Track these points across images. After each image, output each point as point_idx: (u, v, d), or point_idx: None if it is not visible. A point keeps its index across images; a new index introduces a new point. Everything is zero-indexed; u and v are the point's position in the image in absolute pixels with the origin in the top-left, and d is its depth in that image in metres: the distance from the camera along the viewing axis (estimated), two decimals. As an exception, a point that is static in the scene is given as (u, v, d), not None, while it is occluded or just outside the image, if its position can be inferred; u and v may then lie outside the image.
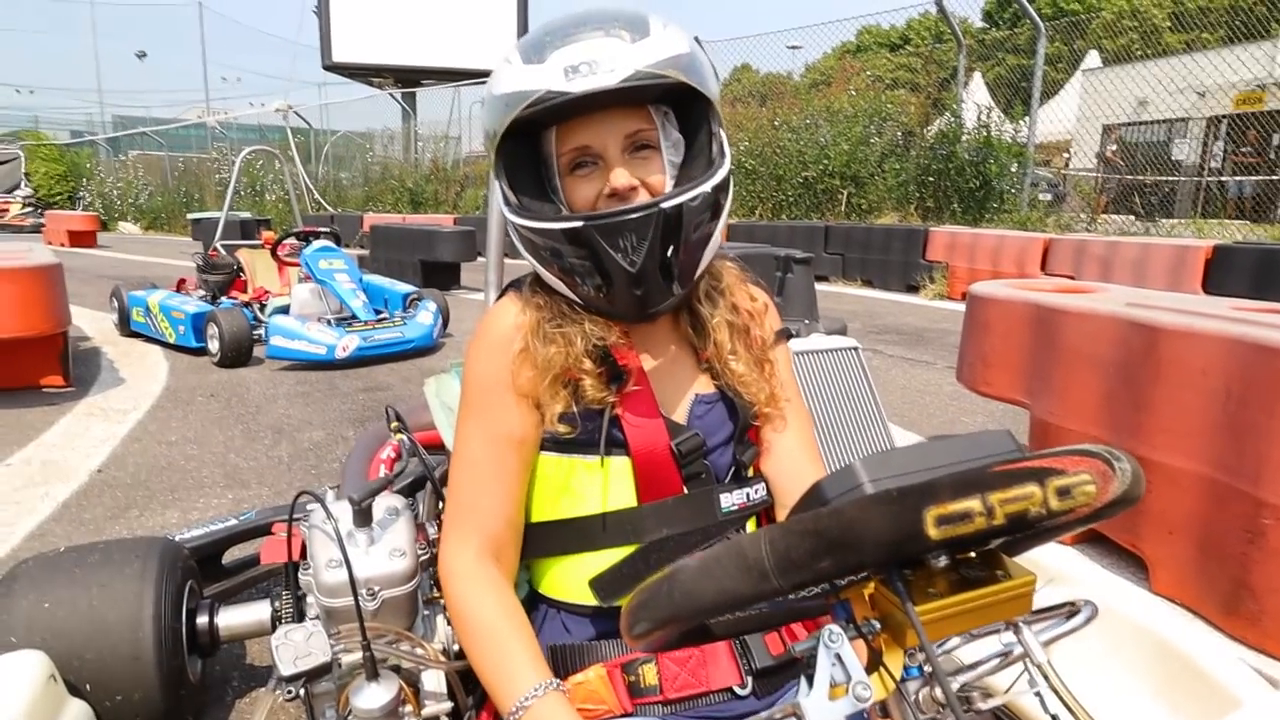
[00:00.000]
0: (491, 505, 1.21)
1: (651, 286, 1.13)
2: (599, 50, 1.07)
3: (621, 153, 1.14)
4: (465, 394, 1.26)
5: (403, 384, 5.92)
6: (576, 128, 1.14)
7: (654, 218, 1.09)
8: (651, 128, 1.16)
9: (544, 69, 1.07)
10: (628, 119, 1.14)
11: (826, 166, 13.98)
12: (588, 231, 1.09)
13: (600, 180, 1.14)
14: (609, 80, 1.05)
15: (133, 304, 7.26)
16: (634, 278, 1.11)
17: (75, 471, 4.00)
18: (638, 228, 1.09)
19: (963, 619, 0.75)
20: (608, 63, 1.06)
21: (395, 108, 24.09)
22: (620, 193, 1.12)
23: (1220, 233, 11.17)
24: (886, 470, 0.75)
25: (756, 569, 0.68)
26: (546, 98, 1.06)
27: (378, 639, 1.36)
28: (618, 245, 1.09)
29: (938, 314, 9.16)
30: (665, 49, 1.09)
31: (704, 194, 1.12)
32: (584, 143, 1.14)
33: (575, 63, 1.06)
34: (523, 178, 1.18)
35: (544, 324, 1.21)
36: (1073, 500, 0.69)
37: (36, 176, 28.82)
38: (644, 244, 1.09)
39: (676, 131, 1.19)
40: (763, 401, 1.27)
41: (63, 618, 1.64)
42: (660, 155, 1.17)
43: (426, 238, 11.05)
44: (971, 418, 5.05)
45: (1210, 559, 2.64)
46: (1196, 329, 2.68)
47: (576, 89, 1.05)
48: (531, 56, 1.10)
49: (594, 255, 1.11)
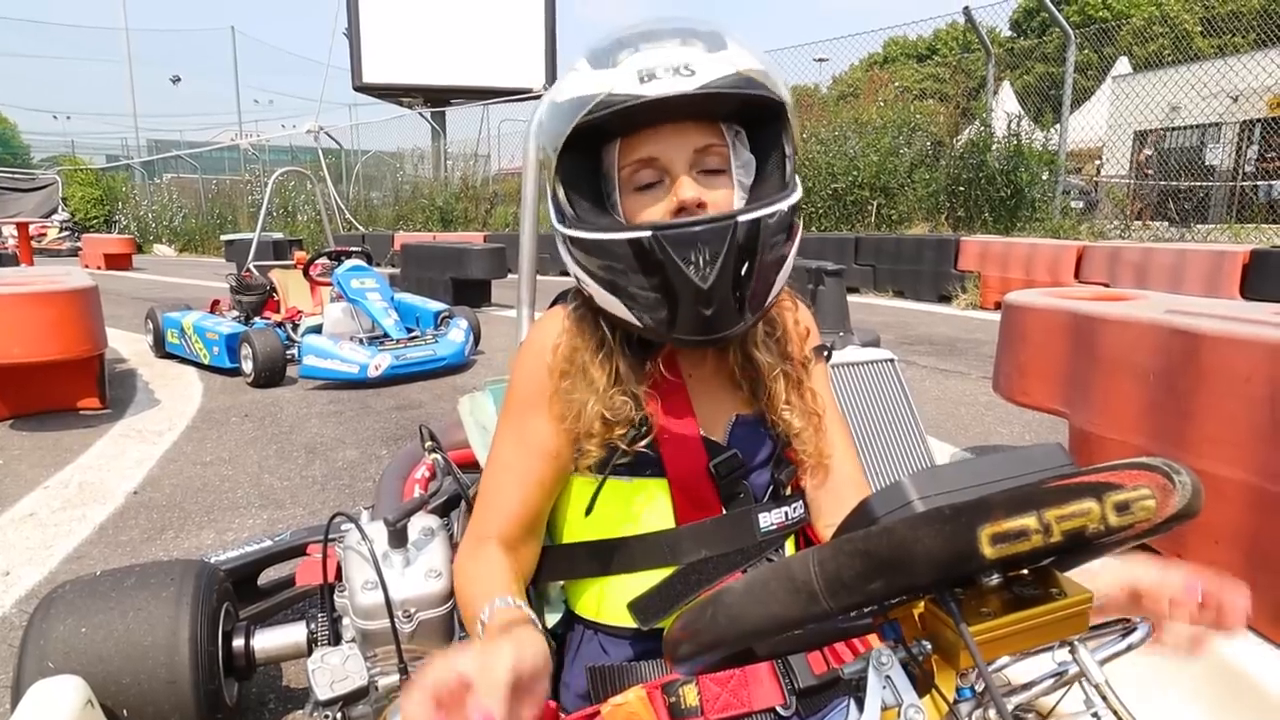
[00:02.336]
0: (508, 506, 1.21)
1: (722, 307, 1.05)
2: (676, 56, 1.01)
3: (689, 168, 1.08)
4: (507, 398, 1.26)
5: (435, 401, 5.95)
6: (644, 138, 1.08)
7: (729, 230, 1.01)
8: (723, 144, 1.10)
9: (616, 73, 1.02)
10: (699, 133, 1.08)
11: (856, 178, 13.91)
12: (656, 242, 1.01)
13: (665, 197, 1.08)
14: (687, 85, 0.99)
15: (167, 325, 7.36)
16: (705, 295, 1.02)
17: (112, 493, 4.04)
18: (711, 240, 1.01)
19: (1017, 639, 0.72)
20: (685, 68, 1.00)
21: (425, 127, 24.33)
22: (688, 206, 1.06)
23: (1257, 237, 10.99)
24: (937, 487, 0.73)
25: (805, 591, 0.66)
26: (615, 100, 1.00)
27: (414, 661, 1.35)
28: (689, 258, 1.01)
29: (970, 324, 9.06)
30: (743, 62, 1.04)
31: (780, 212, 1.05)
32: (650, 154, 1.08)
33: (650, 67, 1.00)
34: (579, 192, 1.10)
35: (579, 354, 1.17)
36: (1132, 516, 0.67)
37: (73, 201, 29.36)
38: (718, 259, 1.01)
39: (748, 152, 1.13)
40: (810, 454, 1.23)
41: (99, 642, 1.65)
42: (730, 176, 1.11)
43: (457, 255, 11.11)
44: (1008, 428, 4.98)
45: (1258, 569, 2.58)
46: (1239, 335, 2.63)
47: (652, 93, 0.99)
48: (603, 61, 1.04)
49: (660, 270, 1.03)
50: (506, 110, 22.27)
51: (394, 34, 23.30)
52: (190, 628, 1.69)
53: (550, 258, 14.83)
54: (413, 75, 23.74)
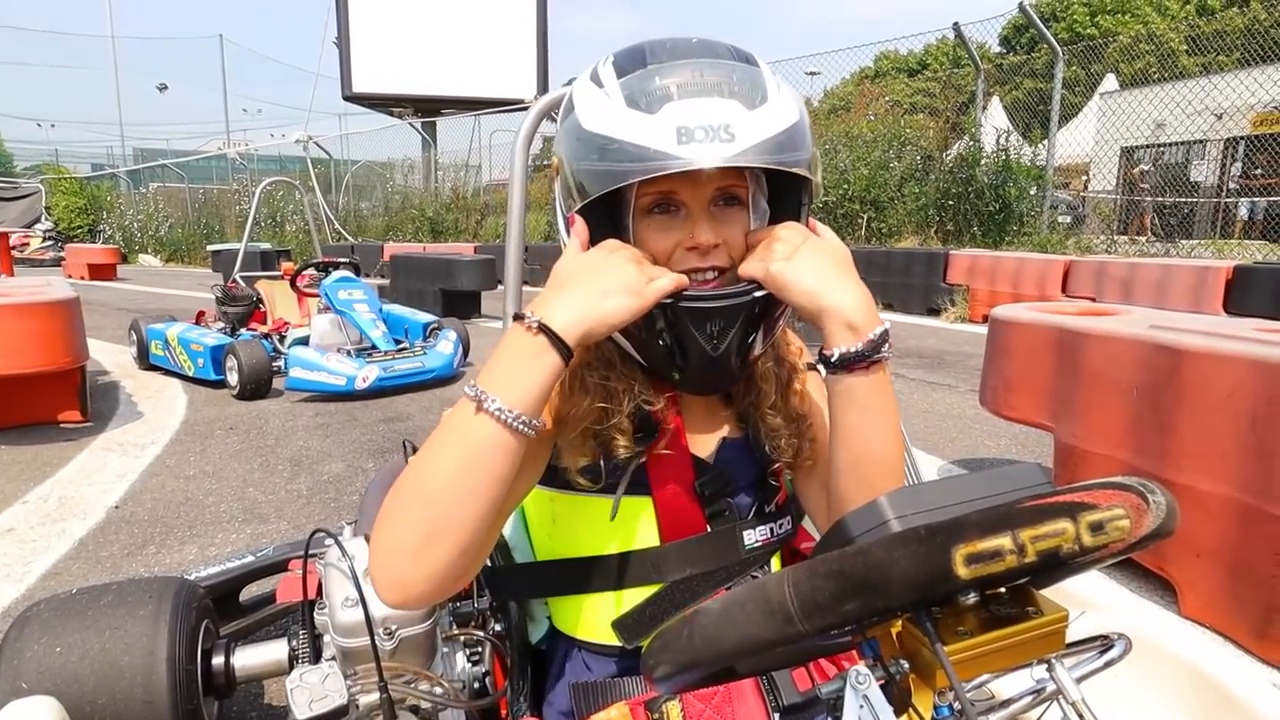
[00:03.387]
0: None
1: (725, 369, 1.08)
2: (718, 115, 0.97)
3: (708, 204, 1.07)
4: None
5: (423, 414, 5.93)
6: (666, 177, 1.02)
7: (744, 307, 1.03)
8: (744, 185, 1.08)
9: (653, 123, 0.97)
10: (723, 176, 1.06)
11: (846, 191, 13.98)
12: (674, 309, 1.02)
13: (681, 230, 1.06)
14: (725, 152, 0.95)
15: (151, 337, 7.30)
16: (713, 360, 1.05)
17: (92, 508, 4.00)
18: (727, 315, 1.03)
19: (994, 658, 0.72)
20: (725, 132, 0.96)
21: (415, 137, 24.31)
22: (703, 249, 1.05)
23: (1240, 253, 11.09)
24: (913, 506, 0.72)
25: (780, 612, 0.66)
26: (652, 159, 0.96)
27: (395, 679, 1.34)
28: (704, 328, 1.03)
29: (959, 337, 9.10)
30: (782, 119, 1.00)
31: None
32: (672, 190, 1.06)
33: (691, 125, 0.96)
34: (591, 212, 1.07)
35: (585, 369, 1.15)
36: (1106, 536, 0.67)
37: (57, 210, 29.08)
38: (730, 331, 1.04)
39: (765, 201, 1.11)
40: (788, 455, 1.22)
41: (74, 662, 1.63)
42: (747, 213, 1.09)
43: (447, 266, 11.09)
44: (995, 441, 5.00)
45: (1240, 582, 2.60)
46: (1222, 351, 2.65)
47: (692, 160, 0.95)
48: (639, 101, 0.99)
49: (672, 331, 1.05)
50: (498, 121, 22.24)
51: (384, 43, 23.29)
52: (168, 646, 1.67)
53: (542, 268, 14.86)
54: (403, 85, 23.73)
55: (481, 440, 0.92)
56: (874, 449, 1.05)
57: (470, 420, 0.93)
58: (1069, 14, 36.01)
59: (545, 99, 1.80)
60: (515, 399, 0.92)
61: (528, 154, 1.91)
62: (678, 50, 1.05)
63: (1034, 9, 12.50)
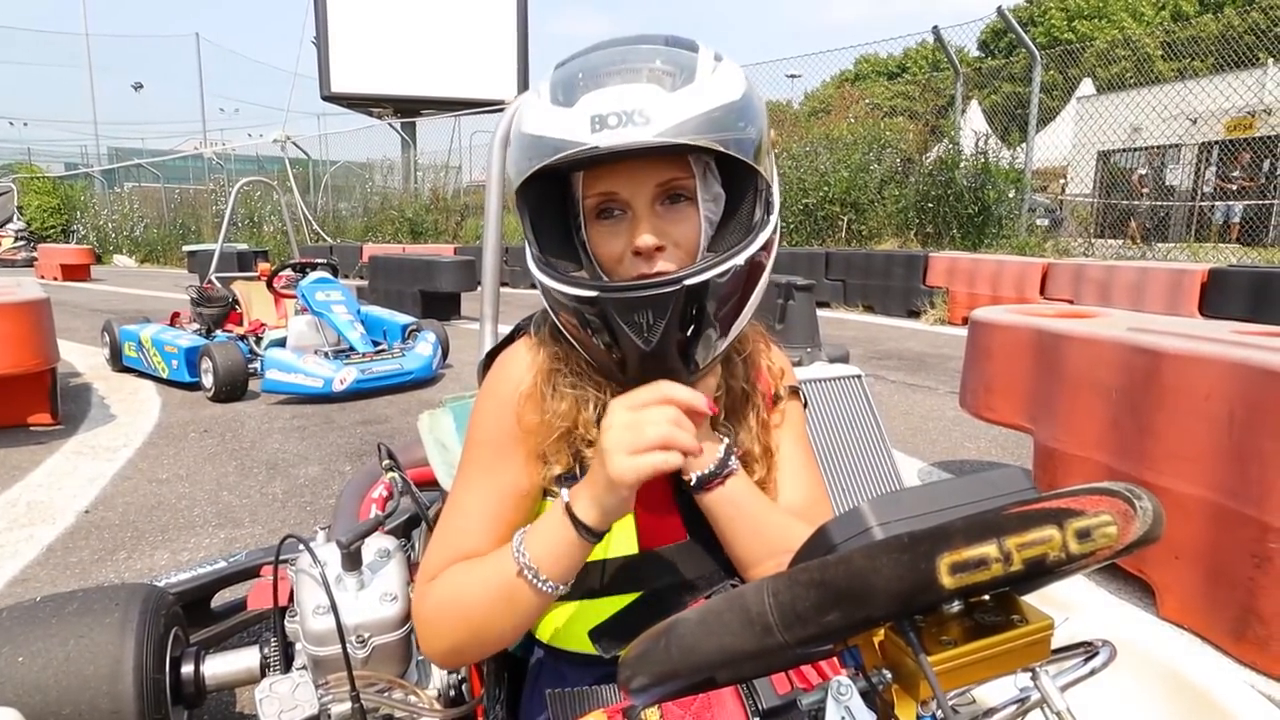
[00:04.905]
0: (478, 552, 1.14)
1: (666, 367, 1.03)
2: (631, 99, 0.95)
3: (652, 203, 1.03)
4: (469, 443, 1.19)
5: (401, 416, 5.88)
6: (604, 173, 1.02)
7: (674, 296, 0.98)
8: (688, 178, 1.03)
9: (570, 115, 0.96)
10: (661, 168, 1.02)
11: (827, 193, 14.04)
12: (601, 303, 1.00)
13: (628, 232, 1.03)
14: (638, 136, 0.94)
15: (125, 338, 7.20)
16: (648, 356, 1.01)
17: (61, 512, 3.93)
18: (655, 305, 0.98)
19: (978, 668, 0.71)
20: (639, 115, 0.94)
21: (394, 138, 24.19)
22: (645, 253, 1.01)
23: (1215, 256, 11.22)
24: (896, 513, 0.70)
25: (760, 623, 0.64)
26: (565, 147, 0.95)
27: (368, 688, 1.31)
28: (632, 321, 0.99)
29: (939, 339, 9.15)
30: (710, 98, 0.97)
31: (735, 268, 1.01)
32: (611, 189, 1.03)
33: (604, 112, 0.94)
34: (548, 219, 1.06)
35: (556, 375, 1.13)
36: (1093, 543, 0.65)
37: (29, 210, 28.73)
38: (660, 322, 0.99)
39: (719, 185, 1.06)
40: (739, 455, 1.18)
41: (37, 672, 1.58)
42: (696, 208, 1.04)
43: (426, 268, 11.05)
44: (975, 443, 5.01)
45: (1217, 584, 2.62)
46: (1200, 353, 2.67)
47: (602, 144, 0.94)
48: (559, 96, 0.99)
49: (606, 328, 1.02)
50: (478, 121, 22.17)
51: (363, 43, 23.15)
52: (135, 655, 1.63)
53: (521, 269, 14.87)
54: (382, 85, 23.59)
55: (525, 599, 1.05)
56: (762, 542, 1.11)
57: (515, 581, 1.05)
58: (1046, 19, 36.34)
59: (522, 98, 1.78)
60: (551, 571, 1.04)
61: (505, 155, 1.88)
62: (609, 43, 1.04)
63: (1012, 13, 12.59)
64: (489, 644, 1.12)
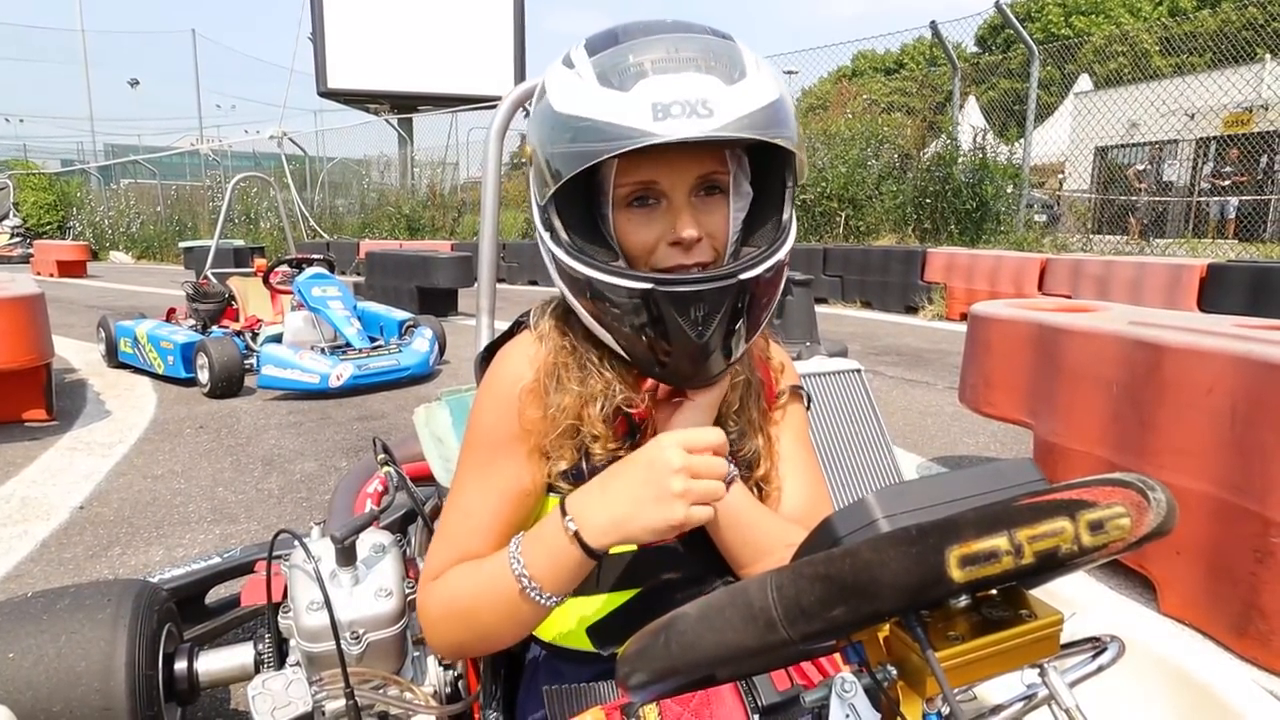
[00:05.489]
0: (480, 553, 1.12)
1: (714, 358, 1.03)
2: (694, 89, 0.92)
3: (689, 194, 1.02)
4: (469, 441, 1.17)
5: (398, 412, 5.86)
6: (646, 162, 0.99)
7: (731, 290, 0.98)
8: (725, 171, 1.03)
9: (628, 100, 0.92)
10: (703, 160, 1.01)
11: (824, 189, 14.03)
12: (656, 295, 0.98)
13: (662, 223, 1.02)
14: (705, 127, 0.91)
15: (120, 334, 7.18)
16: (699, 348, 1.00)
17: (56, 509, 3.91)
18: (712, 299, 0.98)
19: (986, 664, 0.69)
20: (703, 106, 0.91)
21: (391, 134, 24.13)
22: (686, 244, 1.01)
23: (1213, 252, 11.22)
24: (902, 505, 0.69)
25: (763, 618, 0.62)
26: (627, 137, 0.91)
27: (363, 684, 1.29)
28: (688, 314, 0.98)
29: (937, 334, 9.14)
30: (762, 94, 0.96)
31: (779, 263, 1.03)
32: (651, 178, 1.01)
33: (667, 101, 0.91)
34: (571, 204, 1.03)
35: (561, 369, 1.11)
36: (1106, 535, 0.63)
37: (25, 206, 28.66)
38: (716, 315, 0.98)
39: (748, 183, 1.06)
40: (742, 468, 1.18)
41: (28, 668, 1.56)
42: (728, 201, 1.04)
43: (423, 264, 11.02)
44: (974, 439, 5.00)
45: (1219, 579, 2.61)
46: (1201, 347, 2.65)
47: (668, 134, 0.90)
48: (612, 79, 0.95)
49: (656, 321, 0.99)
50: (475, 118, 22.09)
51: (360, 39, 23.06)
52: (127, 651, 1.61)
53: (519, 265, 14.84)
54: (379, 81, 23.49)
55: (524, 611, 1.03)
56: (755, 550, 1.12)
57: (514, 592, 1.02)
58: (1044, 14, 36.32)
59: (518, 90, 1.75)
60: (554, 588, 1.01)
61: (501, 148, 1.86)
62: (651, 28, 1.01)
63: (1010, 9, 12.57)
64: (494, 645, 1.11)
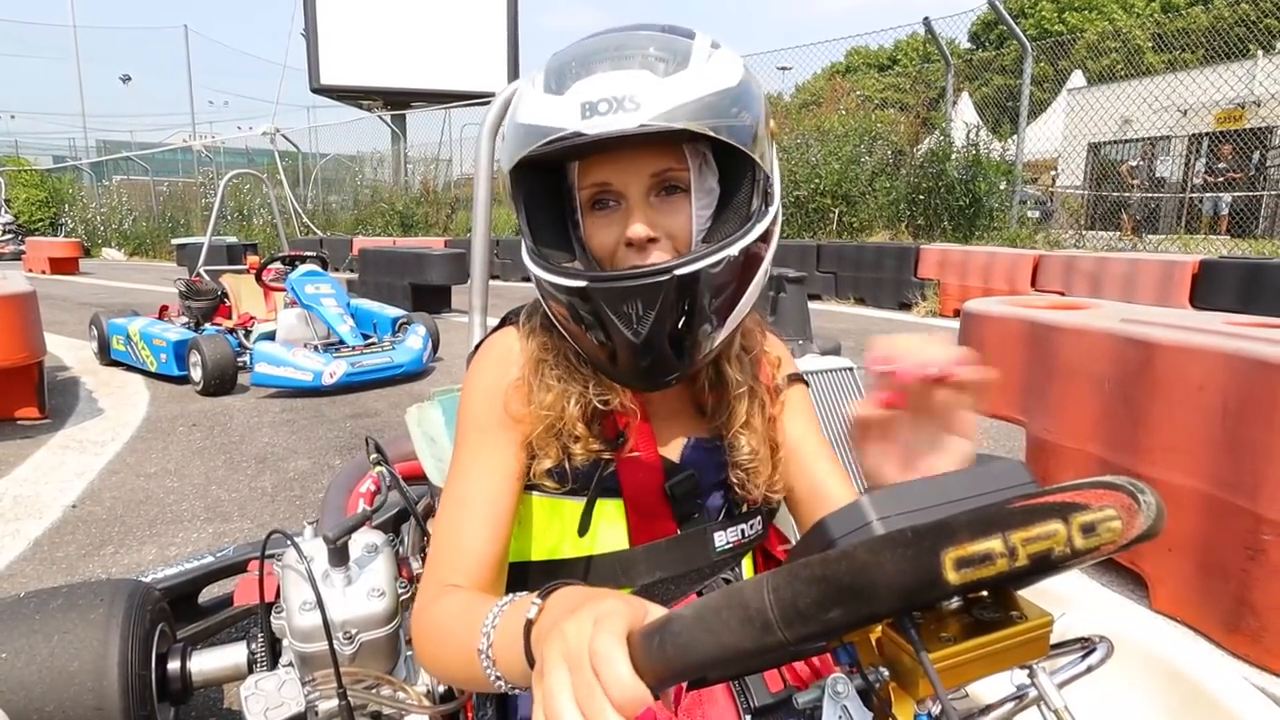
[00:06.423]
0: (479, 546, 1.10)
1: (658, 359, 1.01)
2: (622, 85, 0.93)
3: (646, 194, 1.01)
4: (460, 430, 1.17)
5: (391, 410, 5.85)
6: (597, 163, 1.01)
7: (664, 286, 0.96)
8: (683, 169, 1.02)
9: (561, 102, 0.95)
10: (656, 158, 1.00)
11: (818, 185, 14.02)
12: (591, 293, 0.98)
13: (621, 224, 1.02)
14: (626, 123, 0.91)
15: (113, 332, 7.15)
16: (638, 347, 0.99)
17: (48, 507, 3.90)
18: (645, 295, 0.96)
19: (977, 665, 0.69)
20: (629, 101, 0.92)
21: (385, 130, 24.06)
22: (636, 243, 1.00)
23: (1205, 248, 11.25)
24: (897, 507, 0.69)
25: (759, 620, 0.61)
26: (558, 136, 0.94)
27: (355, 684, 1.29)
28: (621, 312, 0.97)
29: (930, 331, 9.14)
30: (704, 84, 0.95)
31: (728, 258, 0.98)
32: (605, 180, 1.02)
33: (594, 99, 0.93)
34: (543, 210, 1.05)
35: (543, 365, 1.12)
36: (1098, 538, 0.63)
37: (17, 203, 28.53)
38: (650, 313, 0.97)
39: (715, 179, 1.04)
40: (758, 485, 1.18)
41: (20, 668, 1.56)
42: (689, 200, 1.03)
43: (416, 260, 10.99)
44: (965, 436, 5.00)
45: (1210, 576, 2.62)
46: (1193, 344, 2.66)
47: (591, 131, 0.92)
48: (551, 84, 0.97)
49: (596, 319, 1.00)
50: (468, 114, 22.05)
51: (353, 35, 22.96)
52: (120, 651, 1.61)
53: (513, 262, 14.81)
54: (372, 77, 23.41)
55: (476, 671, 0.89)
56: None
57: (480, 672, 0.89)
58: (1037, 10, 36.36)
59: (511, 87, 1.75)
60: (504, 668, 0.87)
61: (494, 145, 1.86)
62: (601, 34, 1.03)
63: (1003, 5, 12.58)
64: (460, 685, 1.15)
